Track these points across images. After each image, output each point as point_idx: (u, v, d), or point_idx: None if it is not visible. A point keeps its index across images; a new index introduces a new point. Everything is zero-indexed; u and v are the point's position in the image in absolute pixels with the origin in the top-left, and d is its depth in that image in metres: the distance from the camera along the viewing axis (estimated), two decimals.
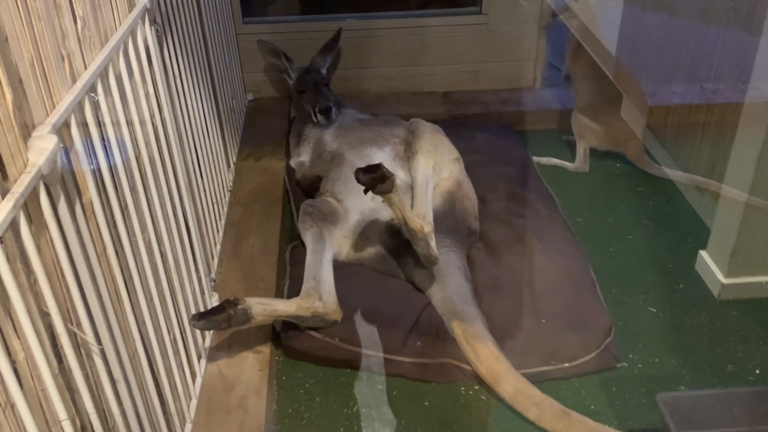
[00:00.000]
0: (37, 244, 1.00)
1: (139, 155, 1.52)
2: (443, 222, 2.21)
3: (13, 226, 0.95)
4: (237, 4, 3.24)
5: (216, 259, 2.29)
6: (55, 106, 1.13)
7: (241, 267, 2.29)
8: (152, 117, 1.63)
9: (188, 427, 1.71)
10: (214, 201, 2.39)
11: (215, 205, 2.39)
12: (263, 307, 1.92)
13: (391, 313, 2.09)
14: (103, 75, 1.32)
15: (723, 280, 2.23)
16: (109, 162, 1.33)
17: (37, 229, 1.03)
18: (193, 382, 1.82)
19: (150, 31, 1.66)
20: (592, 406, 1.89)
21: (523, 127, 3.26)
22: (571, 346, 2.01)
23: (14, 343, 0.96)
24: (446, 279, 2.12)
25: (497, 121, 3.25)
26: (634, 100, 2.89)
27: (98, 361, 1.19)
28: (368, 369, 2.02)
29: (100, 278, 1.22)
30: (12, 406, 0.93)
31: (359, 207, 2.33)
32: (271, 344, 2.02)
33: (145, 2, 1.62)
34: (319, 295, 2.03)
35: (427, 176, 2.26)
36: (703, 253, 2.34)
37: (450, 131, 2.56)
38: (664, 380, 1.97)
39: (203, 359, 1.91)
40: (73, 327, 1.13)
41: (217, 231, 2.39)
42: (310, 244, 2.21)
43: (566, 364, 1.98)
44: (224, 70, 2.78)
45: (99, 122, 1.30)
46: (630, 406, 1.89)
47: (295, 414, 1.91)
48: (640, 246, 2.52)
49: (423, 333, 2.04)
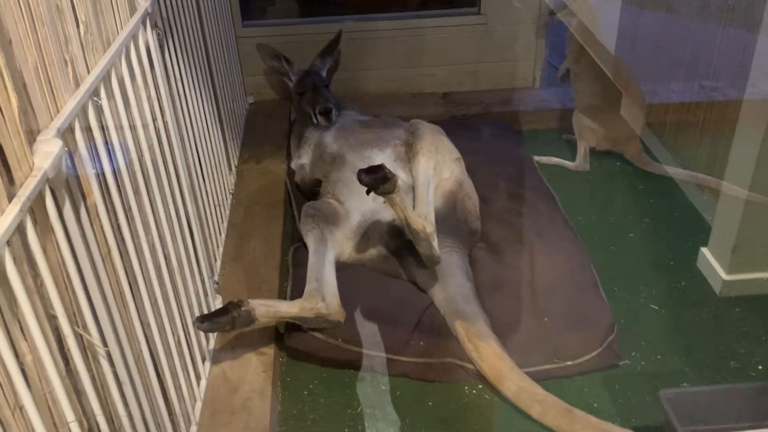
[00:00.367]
0: (43, 246, 1.01)
1: (142, 158, 1.52)
2: (445, 222, 2.22)
3: (20, 229, 0.96)
4: (237, 7, 3.26)
5: (219, 262, 2.30)
6: (59, 111, 1.14)
7: (244, 269, 2.30)
8: (154, 120, 1.64)
9: (193, 428, 1.72)
10: (217, 204, 2.40)
11: (217, 208, 2.40)
12: (266, 309, 1.93)
13: (393, 314, 2.10)
14: (105, 79, 1.33)
15: (724, 276, 2.24)
16: (113, 165, 1.34)
17: (43, 232, 1.04)
18: (198, 384, 1.82)
19: (151, 36, 1.67)
20: (595, 404, 1.90)
21: (523, 127, 3.26)
22: (574, 344, 2.01)
23: (22, 346, 0.97)
24: (448, 279, 2.13)
25: (497, 121, 3.26)
26: (634, 98, 2.90)
27: (104, 363, 1.20)
28: (371, 369, 2.03)
29: (105, 281, 1.23)
30: (21, 408, 0.94)
31: (360, 208, 2.33)
32: (275, 346, 2.03)
33: (147, 6, 1.63)
34: (322, 296, 2.04)
35: (428, 177, 2.27)
36: (705, 250, 2.35)
37: (450, 132, 2.57)
38: (667, 377, 1.98)
39: (207, 361, 1.92)
40: (80, 329, 1.13)
41: (220, 233, 2.40)
42: (312, 246, 2.22)
43: (569, 362, 1.98)
44: (225, 74, 2.79)
45: (102, 126, 1.31)
46: (633, 404, 1.90)
47: (300, 415, 1.91)
48: (642, 244, 2.52)
49: (426, 333, 2.05)
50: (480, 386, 1.96)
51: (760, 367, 1.99)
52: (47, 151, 1.03)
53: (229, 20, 3.07)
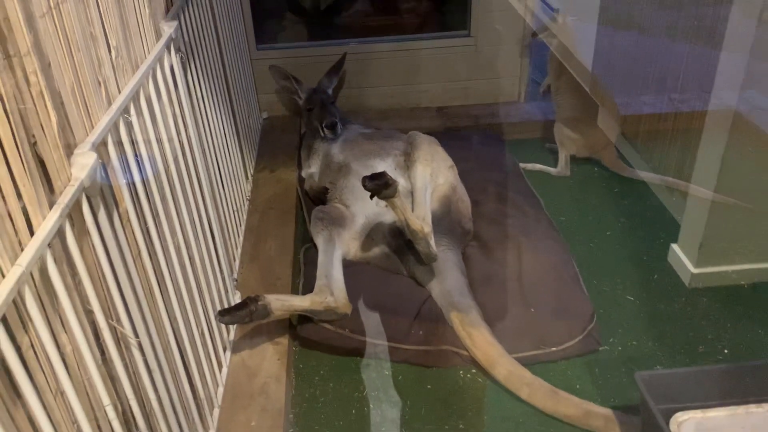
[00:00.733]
0: (80, 248, 1.02)
1: (168, 169, 1.53)
2: (440, 223, 2.22)
3: (60, 233, 0.97)
4: (251, 32, 3.26)
5: (237, 261, 2.30)
6: (93, 127, 1.14)
7: (260, 267, 2.30)
8: (178, 135, 1.65)
9: (216, 411, 1.72)
10: (235, 209, 2.40)
11: (236, 213, 2.41)
12: (281, 303, 1.93)
13: (395, 306, 2.10)
14: (135, 98, 1.34)
15: (693, 270, 2.24)
16: (142, 175, 1.34)
17: (80, 235, 1.04)
18: (220, 371, 1.83)
19: (175, 58, 1.68)
20: (578, 386, 1.90)
21: (510, 137, 3.26)
22: (558, 332, 2.01)
23: (62, 338, 0.97)
24: (444, 274, 2.13)
25: (487, 132, 3.26)
26: (609, 110, 2.90)
27: (136, 353, 1.21)
28: (376, 356, 2.03)
29: (136, 279, 1.23)
30: (62, 392, 0.94)
31: (365, 212, 2.34)
32: (289, 336, 2.03)
33: (171, 33, 1.64)
34: (331, 291, 2.04)
35: (425, 182, 2.27)
36: (675, 246, 2.35)
37: (444, 142, 2.56)
38: (642, 361, 1.98)
39: (228, 350, 1.92)
40: (114, 322, 1.14)
41: (238, 236, 2.40)
42: (321, 246, 2.22)
43: (553, 348, 1.98)
44: (241, 92, 2.79)
45: (132, 140, 1.31)
46: (611, 385, 1.90)
47: (312, 398, 1.92)
48: (618, 241, 2.52)
49: (424, 323, 2.05)
50: (473, 371, 1.97)
51: (726, 351, 1.99)
52: (83, 163, 1.04)
53: (244, 44, 3.08)
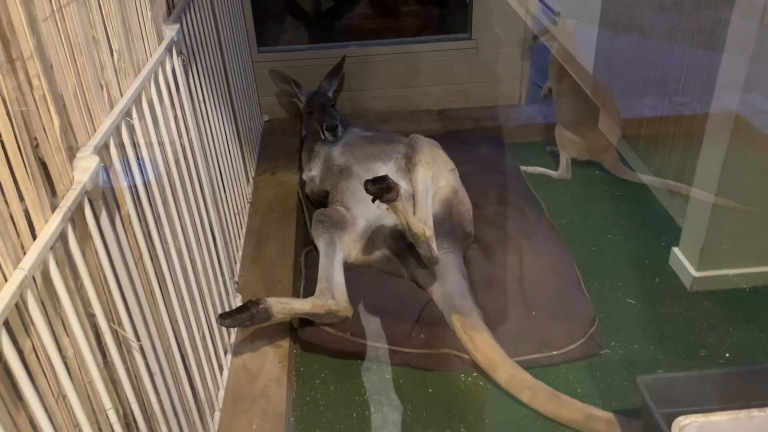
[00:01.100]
0: (82, 252, 1.02)
1: (170, 172, 1.53)
2: (442, 226, 2.22)
3: (62, 236, 0.97)
4: (252, 35, 3.27)
5: (238, 264, 2.30)
6: (95, 130, 1.14)
7: (261, 270, 2.30)
8: (180, 138, 1.65)
9: (217, 414, 1.72)
10: (236, 211, 2.40)
11: (237, 215, 2.41)
12: (282, 306, 1.93)
13: (396, 309, 2.10)
14: (137, 101, 1.34)
15: (694, 273, 2.24)
16: (144, 178, 1.34)
17: (82, 239, 1.04)
18: (221, 374, 1.83)
19: (177, 62, 1.68)
20: (579, 389, 1.90)
21: (511, 140, 3.26)
22: (559, 335, 2.01)
23: (64, 341, 0.97)
24: (445, 277, 2.13)
25: (488, 135, 3.26)
26: (610, 113, 2.90)
27: (138, 356, 1.20)
28: (377, 360, 2.03)
29: (138, 282, 1.23)
30: (64, 396, 0.94)
31: (366, 215, 2.34)
32: (290, 339, 2.03)
33: (173, 36, 1.64)
34: (332, 294, 2.04)
35: (426, 186, 2.27)
36: (676, 250, 2.34)
37: (445, 145, 2.57)
38: (643, 364, 1.97)
39: (229, 353, 1.92)
40: (115, 326, 1.14)
41: (239, 238, 2.40)
42: (322, 249, 2.22)
43: (555, 352, 1.98)
44: (242, 94, 2.79)
45: (134, 143, 1.31)
46: (613, 389, 1.90)
47: (312, 401, 1.91)
48: (619, 244, 2.52)
49: (425, 326, 2.05)
50: (475, 374, 1.96)
51: (727, 355, 1.99)
52: (85, 167, 1.04)
53: (245, 47, 3.08)
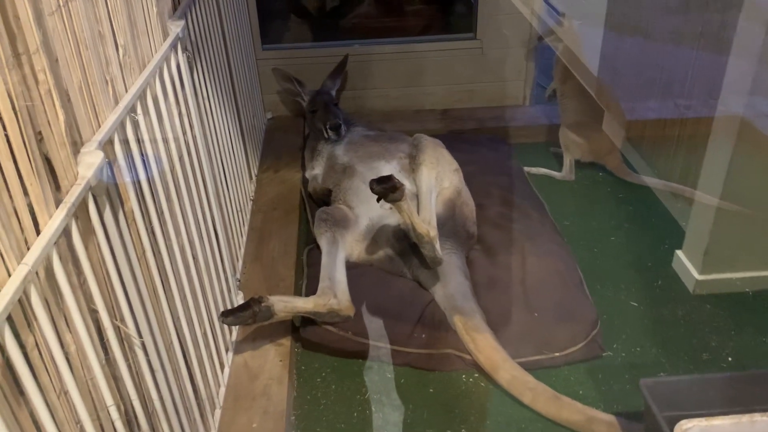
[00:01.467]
0: (85, 247, 1.02)
1: (173, 168, 1.53)
2: (445, 227, 2.22)
3: (66, 232, 0.96)
4: (257, 32, 3.26)
5: (240, 261, 2.30)
6: (100, 125, 1.14)
7: (263, 268, 2.29)
8: (184, 134, 1.64)
9: (218, 412, 1.72)
10: (238, 209, 2.40)
11: (239, 213, 2.40)
12: (284, 305, 1.93)
13: (398, 309, 2.09)
14: (141, 97, 1.34)
15: (697, 276, 2.23)
16: (148, 174, 1.34)
17: (86, 235, 1.04)
18: (222, 372, 1.82)
19: (182, 58, 1.68)
20: (581, 391, 1.89)
21: (515, 141, 3.26)
22: (561, 337, 2.01)
23: (67, 337, 0.97)
24: (448, 278, 2.12)
25: (491, 135, 3.25)
26: (615, 115, 2.90)
27: (139, 353, 1.20)
28: (378, 359, 2.02)
29: (140, 278, 1.23)
30: (66, 392, 0.94)
31: (368, 214, 2.33)
32: (291, 337, 2.03)
33: (178, 32, 1.64)
34: (334, 293, 2.03)
35: (430, 186, 2.27)
36: (679, 253, 2.34)
37: (449, 145, 2.56)
38: (645, 367, 1.97)
39: (230, 351, 1.92)
40: (118, 322, 1.14)
41: (242, 236, 2.40)
42: (324, 247, 2.22)
43: (557, 354, 1.98)
44: (246, 92, 2.79)
45: (138, 139, 1.31)
46: (615, 391, 1.89)
47: (313, 400, 1.91)
48: (622, 247, 2.51)
49: (427, 326, 2.04)
50: (476, 375, 1.96)
51: (730, 359, 1.98)
52: (90, 162, 1.03)
53: (250, 44, 3.08)
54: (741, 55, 2.03)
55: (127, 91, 1.28)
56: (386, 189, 1.90)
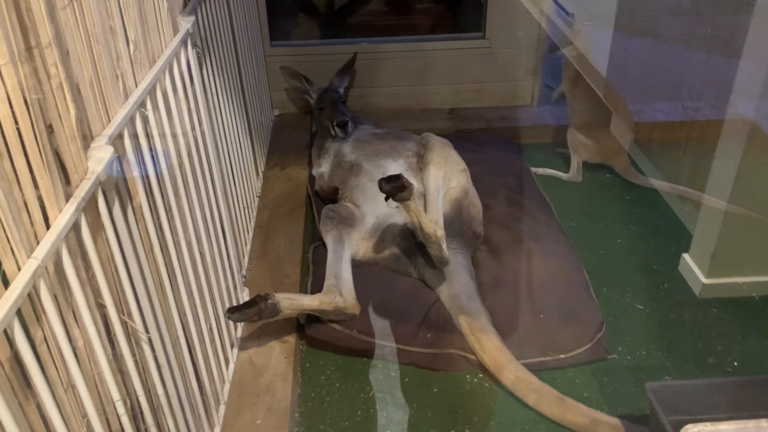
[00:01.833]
0: (94, 242, 1.01)
1: (182, 164, 1.53)
2: (451, 227, 2.21)
3: (75, 227, 0.96)
4: (266, 29, 3.26)
5: (246, 258, 2.30)
6: (110, 120, 1.14)
7: (269, 265, 2.29)
8: (193, 130, 1.64)
9: (222, 408, 1.72)
10: (245, 206, 2.40)
11: (246, 210, 2.40)
12: (290, 302, 1.93)
13: (403, 308, 2.09)
14: (151, 92, 1.34)
15: (704, 280, 2.22)
16: (156, 170, 1.34)
17: (95, 229, 1.04)
18: (227, 368, 1.82)
19: (192, 54, 1.68)
20: (585, 394, 1.89)
21: (522, 141, 3.25)
22: (566, 339, 2.00)
23: (75, 332, 0.97)
24: (454, 278, 2.12)
25: (498, 135, 3.24)
26: (623, 117, 2.89)
27: (146, 348, 1.20)
28: (383, 358, 2.02)
29: (148, 274, 1.23)
30: (73, 387, 0.94)
31: (375, 212, 2.33)
32: (296, 335, 2.03)
33: (188, 28, 1.63)
34: (340, 291, 2.03)
35: (438, 185, 2.26)
36: (686, 256, 2.33)
37: (455, 144, 2.55)
38: (651, 371, 1.96)
39: (235, 348, 1.92)
40: (125, 317, 1.14)
41: (248, 232, 2.40)
42: (330, 245, 2.22)
43: (562, 356, 1.97)
44: (254, 88, 2.79)
45: (148, 134, 1.31)
46: (619, 394, 1.88)
47: (317, 398, 1.91)
48: (628, 249, 2.50)
49: (432, 326, 2.04)
50: (481, 375, 1.96)
51: (735, 364, 1.97)
52: (100, 157, 1.03)
53: (258, 41, 3.08)
54: (752, 59, 2.02)
55: (137, 86, 1.28)
56: (395, 188, 1.90)
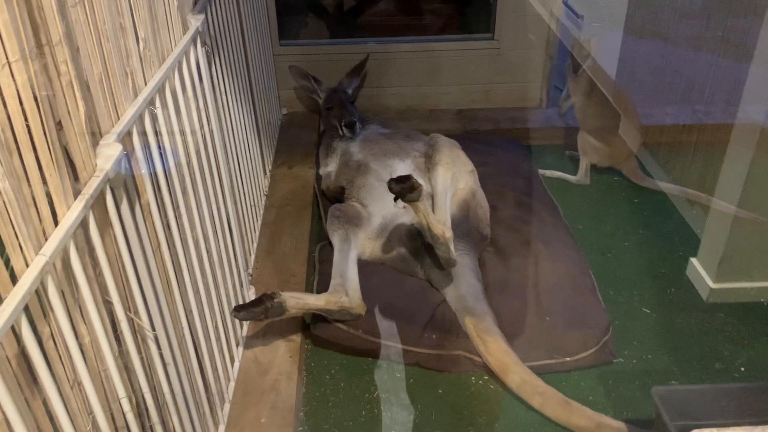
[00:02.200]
0: (102, 240, 1.02)
1: (190, 162, 1.53)
2: (458, 227, 2.20)
3: (83, 224, 0.96)
4: (275, 28, 3.27)
5: (253, 256, 2.30)
6: (119, 118, 1.14)
7: (275, 263, 2.30)
8: (201, 128, 1.65)
9: (227, 406, 1.72)
10: (252, 204, 2.40)
11: (253, 208, 2.41)
12: (296, 301, 1.93)
13: (409, 309, 2.09)
14: (160, 90, 1.34)
15: (711, 285, 2.21)
16: (165, 168, 1.34)
17: (102, 226, 1.04)
18: (232, 366, 1.83)
19: (201, 52, 1.68)
20: (591, 397, 1.88)
21: (530, 143, 3.24)
22: (572, 342, 1.99)
23: (81, 329, 0.97)
24: (460, 279, 2.11)
25: (506, 137, 3.24)
26: (632, 120, 2.87)
27: (152, 346, 1.20)
28: (388, 358, 2.02)
29: (155, 271, 1.23)
30: (79, 383, 0.94)
31: (382, 212, 2.33)
32: (301, 334, 2.03)
33: (197, 26, 1.64)
34: (346, 291, 2.03)
35: (446, 186, 2.26)
36: (694, 260, 2.32)
37: (463, 145, 2.54)
38: (657, 375, 1.95)
39: (241, 346, 1.92)
40: (132, 314, 1.14)
41: (255, 231, 2.40)
42: (337, 244, 2.22)
43: (567, 358, 1.96)
44: (262, 87, 2.79)
45: (156, 132, 1.31)
46: (625, 398, 1.88)
47: (322, 397, 1.91)
48: (636, 252, 2.49)
49: (438, 327, 2.04)
50: (486, 377, 1.95)
51: (742, 369, 1.96)
52: (109, 154, 1.03)
53: (267, 40, 3.08)
54: (763, 63, 2.01)
55: (146, 84, 1.28)
56: (404, 189, 1.90)
